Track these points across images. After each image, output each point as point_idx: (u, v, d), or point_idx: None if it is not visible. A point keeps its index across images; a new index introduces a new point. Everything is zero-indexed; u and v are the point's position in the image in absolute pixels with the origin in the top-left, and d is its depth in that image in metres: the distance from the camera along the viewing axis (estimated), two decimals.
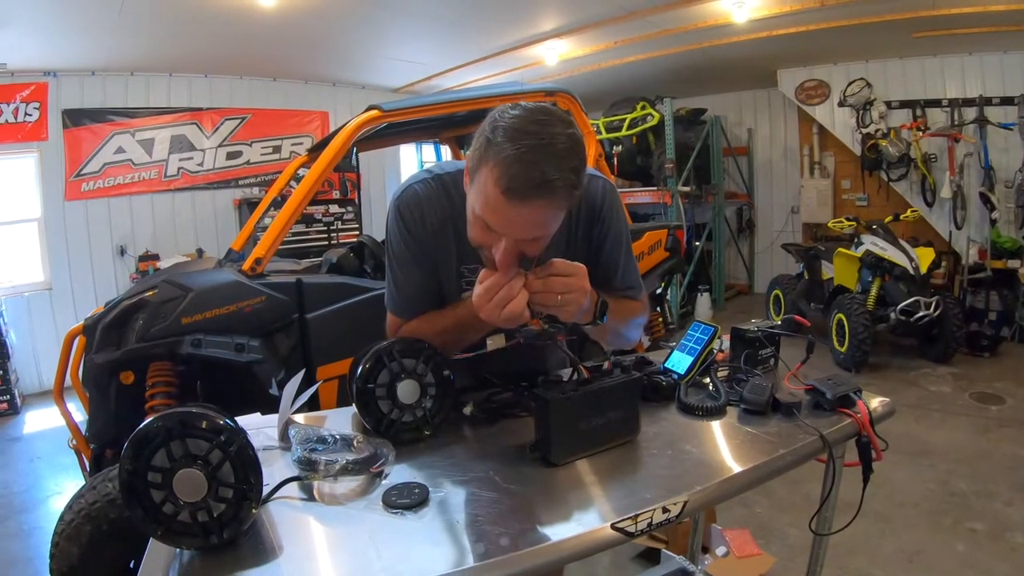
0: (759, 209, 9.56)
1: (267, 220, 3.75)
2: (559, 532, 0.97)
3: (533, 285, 1.19)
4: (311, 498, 1.08)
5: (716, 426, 1.34)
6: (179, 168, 7.10)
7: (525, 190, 1.10)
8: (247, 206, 7.05)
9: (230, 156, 7.46)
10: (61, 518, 2.25)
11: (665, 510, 1.02)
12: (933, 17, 5.67)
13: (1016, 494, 3.52)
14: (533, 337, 1.26)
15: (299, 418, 1.39)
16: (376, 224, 8.16)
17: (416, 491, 1.05)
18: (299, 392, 1.38)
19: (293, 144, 7.87)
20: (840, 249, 6.28)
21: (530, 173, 1.09)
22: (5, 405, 5.64)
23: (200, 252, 6.85)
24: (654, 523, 1.01)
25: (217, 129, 7.33)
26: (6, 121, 6.00)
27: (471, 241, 1.29)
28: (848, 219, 6.29)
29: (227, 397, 2.79)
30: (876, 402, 1.41)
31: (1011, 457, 3.98)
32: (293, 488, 1.09)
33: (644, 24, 5.96)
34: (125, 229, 6.76)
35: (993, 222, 6.58)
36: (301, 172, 4.16)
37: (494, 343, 1.29)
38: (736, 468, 1.16)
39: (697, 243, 8.43)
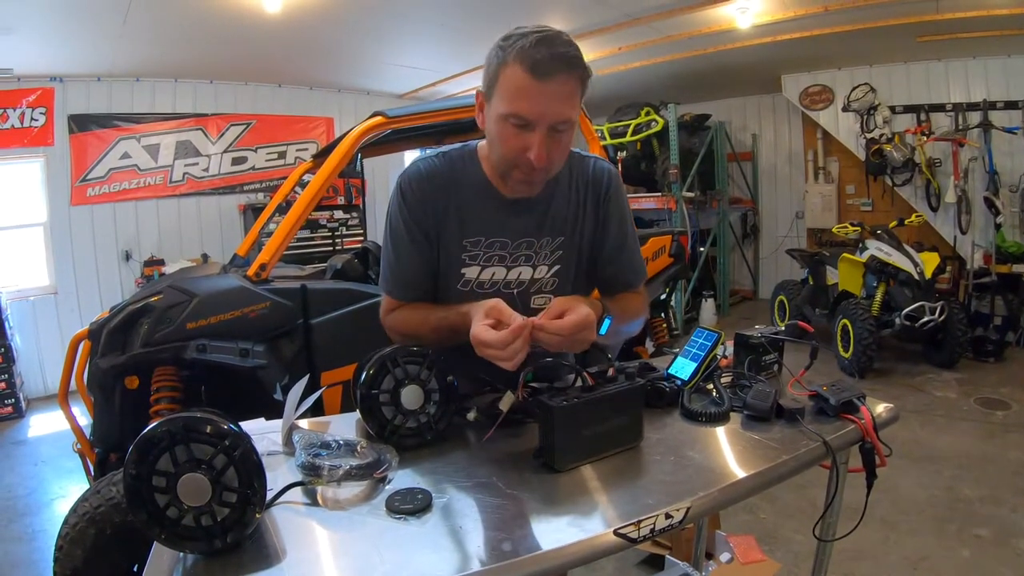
0: (763, 214, 9.55)
1: (272, 226, 3.76)
2: (562, 538, 0.96)
3: (542, 337, 1.24)
4: (314, 503, 1.08)
5: (719, 432, 1.34)
6: (184, 173, 7.12)
7: (549, 64, 1.24)
8: (252, 212, 7.07)
9: (235, 162, 7.49)
10: (65, 522, 2.25)
11: (668, 516, 1.02)
12: (937, 21, 5.67)
13: (1022, 500, 3.51)
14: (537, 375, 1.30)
15: (303, 423, 1.39)
16: (380, 230, 8.12)
17: (419, 496, 1.05)
18: (303, 397, 1.39)
19: (298, 150, 7.90)
20: (845, 254, 6.28)
21: (549, 51, 1.24)
22: (10, 409, 5.66)
23: (205, 257, 6.87)
24: (657, 529, 1.01)
25: (222, 135, 7.36)
26: (12, 126, 6.03)
27: (501, 162, 1.38)
28: (853, 224, 6.27)
29: (231, 402, 2.79)
30: (880, 408, 1.41)
31: (1017, 462, 3.97)
32: (297, 493, 1.09)
33: (648, 30, 5.98)
34: (130, 234, 6.79)
35: (998, 226, 6.58)
36: (306, 178, 4.17)
37: (506, 403, 1.30)
38: (739, 474, 1.16)
39: (701, 249, 8.42)
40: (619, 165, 7.80)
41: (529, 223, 1.51)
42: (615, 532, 0.98)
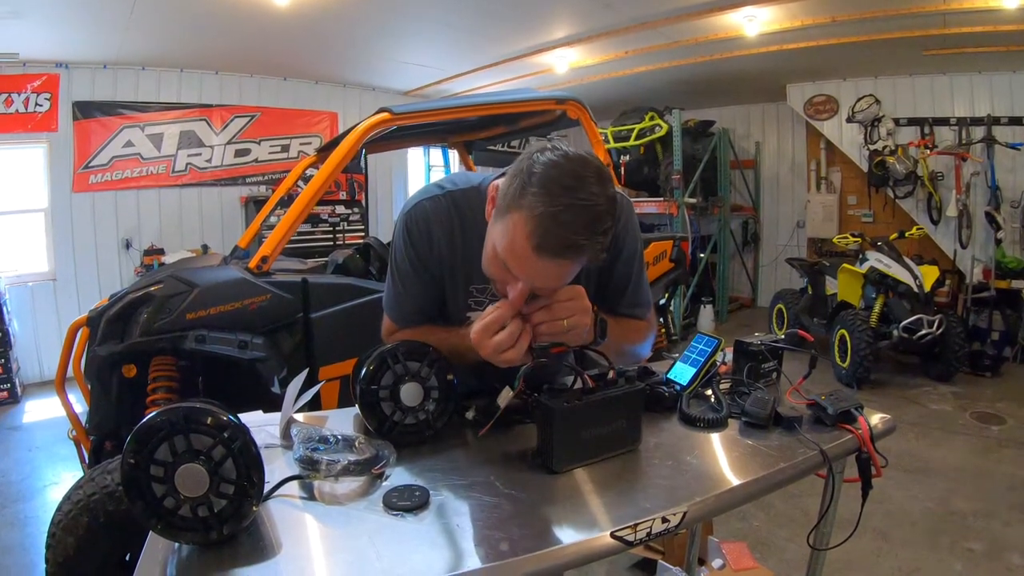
0: (764, 223, 9.56)
1: (274, 219, 3.76)
2: (558, 539, 0.97)
3: (537, 317, 1.21)
4: (311, 497, 1.08)
5: (717, 438, 1.34)
6: (187, 164, 7.12)
7: (555, 250, 1.10)
8: (254, 204, 7.07)
9: (238, 153, 7.48)
10: (59, 509, 2.25)
11: (664, 520, 1.02)
12: (943, 35, 5.68)
13: (1015, 515, 3.51)
14: (536, 373, 1.27)
15: (301, 417, 1.39)
16: (382, 226, 8.17)
17: (417, 494, 1.05)
18: (302, 391, 1.39)
19: (301, 144, 7.89)
20: (844, 265, 6.28)
21: (562, 234, 1.08)
22: (6, 394, 5.65)
23: (205, 248, 6.86)
24: (653, 532, 1.01)
25: (226, 126, 7.35)
26: (16, 111, 6.02)
27: (484, 271, 1.28)
28: (853, 235, 6.28)
29: (229, 394, 2.79)
30: (877, 418, 1.41)
31: (1011, 477, 3.97)
32: (294, 487, 1.09)
33: (655, 35, 5.98)
34: (131, 223, 6.78)
35: (998, 242, 6.59)
36: (309, 172, 4.17)
37: (504, 399, 1.29)
38: (736, 480, 1.16)
39: (702, 255, 8.43)
40: (622, 169, 7.81)
41: None
42: (612, 534, 0.98)
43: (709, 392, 1.52)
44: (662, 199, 7.59)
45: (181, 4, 5.01)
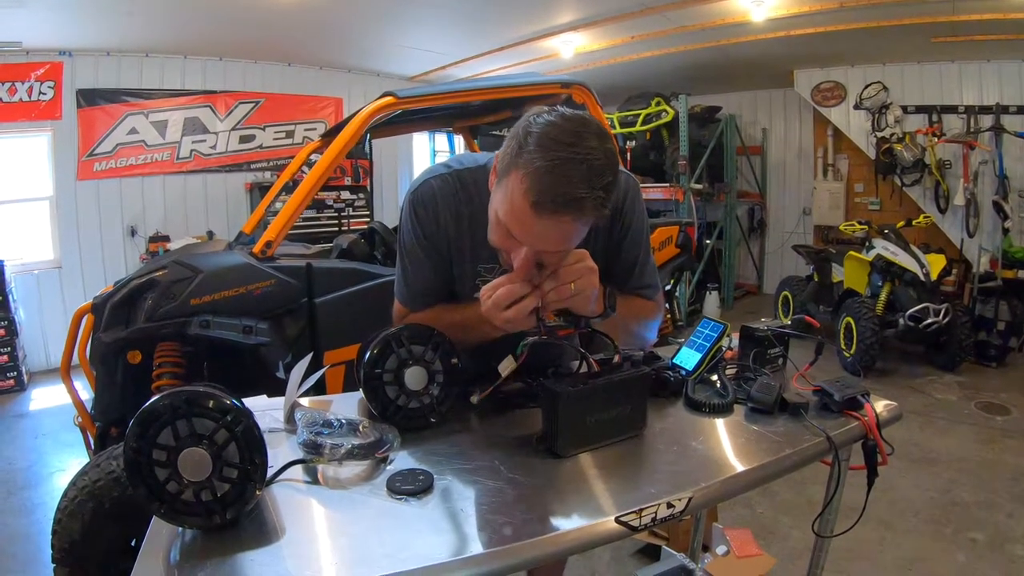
0: (771, 209, 9.52)
1: (278, 204, 3.75)
2: (562, 524, 0.97)
3: (545, 285, 1.18)
4: (315, 481, 1.08)
5: (722, 424, 1.33)
6: (192, 150, 7.10)
7: (553, 205, 1.07)
8: (259, 190, 7.07)
9: (243, 140, 7.47)
10: (64, 495, 2.26)
11: (669, 505, 1.02)
12: (953, 22, 5.63)
13: (1018, 506, 3.51)
14: (540, 346, 1.25)
15: (305, 402, 1.39)
16: (387, 211, 8.15)
17: (420, 478, 1.05)
18: (306, 376, 1.38)
19: (306, 129, 7.87)
20: (851, 252, 6.26)
21: (560, 188, 1.06)
22: (12, 382, 5.68)
23: (211, 234, 6.86)
24: (658, 518, 1.01)
25: (231, 112, 7.33)
26: (20, 99, 6.01)
27: (490, 242, 1.26)
28: (860, 223, 6.24)
29: (233, 379, 2.79)
30: (882, 406, 1.40)
31: (1014, 468, 3.96)
32: (297, 471, 1.09)
33: (661, 20, 5.94)
34: (136, 210, 6.78)
35: (1005, 231, 6.55)
36: (314, 157, 4.16)
37: (506, 368, 1.27)
38: (741, 466, 1.15)
39: (708, 241, 8.40)
40: (628, 154, 7.78)
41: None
42: (616, 520, 0.97)
43: (715, 377, 1.51)
44: (668, 185, 7.55)
45: None
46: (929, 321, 5.50)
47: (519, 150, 1.11)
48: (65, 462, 4.14)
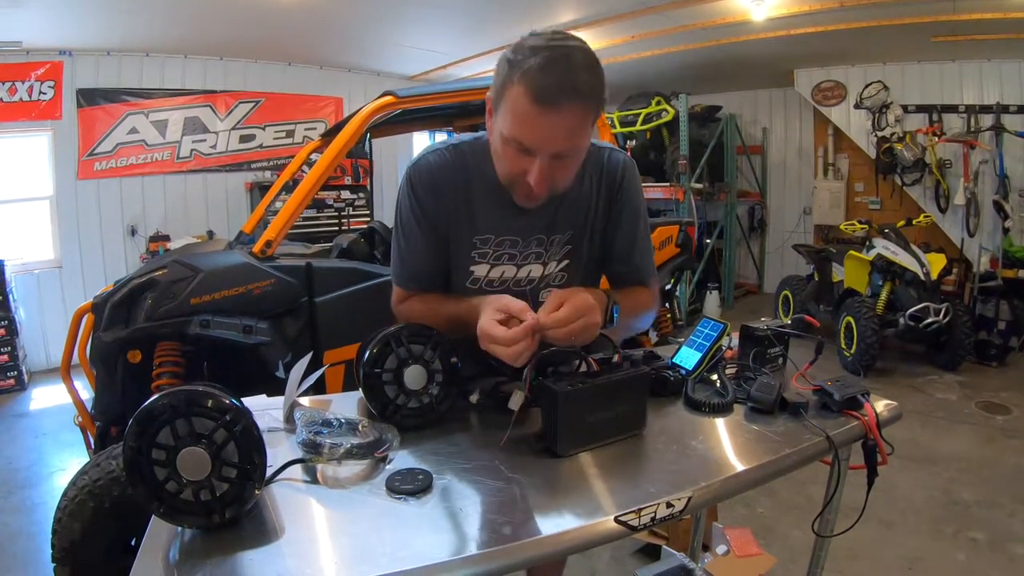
0: (771, 209, 9.52)
1: (278, 204, 3.75)
2: (562, 523, 0.96)
3: (547, 330, 1.19)
4: (314, 481, 1.08)
5: (722, 423, 1.33)
6: (192, 150, 7.10)
7: (555, 94, 1.15)
8: (259, 189, 7.06)
9: (243, 139, 7.47)
10: (64, 494, 2.26)
11: (669, 505, 1.02)
12: (953, 22, 5.62)
13: (1019, 505, 3.50)
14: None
15: (305, 401, 1.38)
16: (387, 211, 8.14)
17: (420, 477, 1.04)
18: (305, 375, 1.38)
19: (307, 129, 7.88)
20: (851, 252, 6.25)
21: (557, 78, 1.15)
22: (12, 381, 5.69)
23: (211, 234, 6.86)
24: (657, 518, 1.01)
25: (231, 112, 7.33)
26: (20, 99, 6.01)
27: (502, 177, 1.34)
28: (860, 222, 6.23)
29: (233, 378, 2.79)
30: (883, 405, 1.40)
31: (1015, 468, 3.97)
32: (296, 470, 1.09)
33: (662, 19, 5.94)
34: (136, 209, 6.78)
35: (1006, 231, 6.55)
36: (314, 157, 4.16)
37: (515, 402, 1.27)
38: (741, 466, 1.15)
39: (708, 241, 8.41)
40: (628, 154, 7.75)
41: (540, 222, 1.48)
42: (616, 519, 0.97)
43: (715, 377, 1.50)
44: (668, 184, 7.55)
45: None
46: (929, 320, 5.50)
47: (510, 66, 1.20)
48: (65, 461, 4.14)
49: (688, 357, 1.52)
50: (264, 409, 1.31)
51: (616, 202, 1.54)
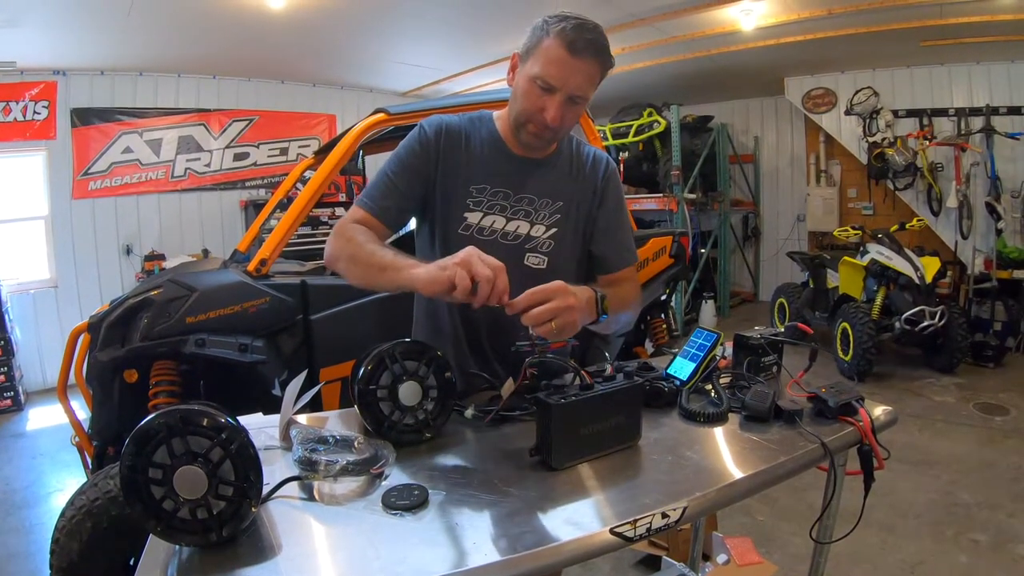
0: (765, 217, 9.55)
1: (273, 222, 3.76)
2: (558, 536, 0.96)
3: (526, 318, 1.25)
4: (311, 498, 1.08)
5: (717, 432, 1.34)
6: (186, 169, 7.13)
7: (583, 47, 1.43)
8: (253, 207, 7.07)
9: (237, 157, 7.49)
10: (62, 514, 2.25)
11: (664, 515, 1.02)
12: (941, 26, 5.67)
13: (1019, 506, 3.50)
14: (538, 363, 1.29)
15: (301, 418, 1.39)
16: None
17: (416, 493, 1.05)
18: (301, 392, 1.38)
19: (300, 146, 7.90)
20: (846, 258, 6.27)
21: (585, 36, 1.43)
22: (9, 402, 5.67)
23: (206, 252, 6.86)
24: (653, 528, 1.01)
25: (225, 130, 7.36)
26: (15, 119, 6.04)
27: (519, 115, 1.54)
28: (854, 228, 6.27)
29: (230, 397, 2.79)
30: (878, 410, 1.41)
31: (1015, 468, 3.97)
32: (293, 488, 1.09)
33: (652, 31, 5.98)
34: (131, 228, 6.79)
35: (999, 232, 6.58)
36: (307, 174, 4.16)
37: (507, 390, 1.29)
38: (737, 474, 1.16)
39: (702, 250, 8.42)
40: (621, 165, 7.80)
41: (532, 182, 1.64)
42: (611, 531, 0.97)
43: (709, 386, 1.51)
44: (662, 195, 7.58)
45: (177, 9, 5.02)
46: (925, 324, 5.52)
47: (543, 28, 1.46)
48: (63, 482, 4.12)
49: (682, 368, 1.53)
50: (260, 427, 1.31)
51: (601, 189, 1.72)
